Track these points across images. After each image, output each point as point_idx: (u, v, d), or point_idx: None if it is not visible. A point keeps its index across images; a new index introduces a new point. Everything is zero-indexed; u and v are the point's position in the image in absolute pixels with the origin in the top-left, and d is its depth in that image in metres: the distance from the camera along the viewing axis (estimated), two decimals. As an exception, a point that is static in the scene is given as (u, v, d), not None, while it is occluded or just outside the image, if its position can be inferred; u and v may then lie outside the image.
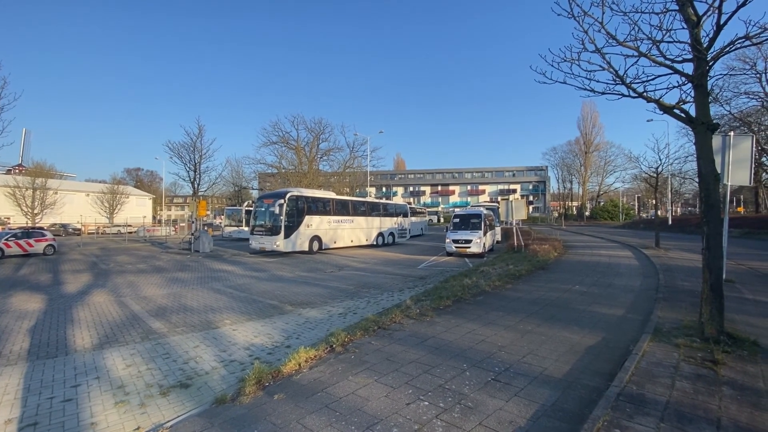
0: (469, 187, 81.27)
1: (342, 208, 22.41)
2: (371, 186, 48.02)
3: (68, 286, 11.03)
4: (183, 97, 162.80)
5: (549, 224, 57.56)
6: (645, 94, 4.78)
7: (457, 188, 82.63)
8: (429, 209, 55.60)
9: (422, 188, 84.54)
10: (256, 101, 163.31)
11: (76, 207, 50.34)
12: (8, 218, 42.19)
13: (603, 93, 5.78)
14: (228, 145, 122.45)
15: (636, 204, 75.17)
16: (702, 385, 3.54)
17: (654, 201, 24.30)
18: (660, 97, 4.79)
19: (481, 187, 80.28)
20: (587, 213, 69.53)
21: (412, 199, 77.87)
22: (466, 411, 3.25)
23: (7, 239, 18.60)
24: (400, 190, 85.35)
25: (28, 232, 20.11)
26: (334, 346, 5.08)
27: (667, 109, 5.03)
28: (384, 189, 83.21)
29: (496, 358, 4.44)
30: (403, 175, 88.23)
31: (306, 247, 19.34)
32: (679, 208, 69.42)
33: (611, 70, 4.74)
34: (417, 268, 14.39)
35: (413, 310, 6.62)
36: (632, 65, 4.66)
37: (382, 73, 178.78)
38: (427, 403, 3.42)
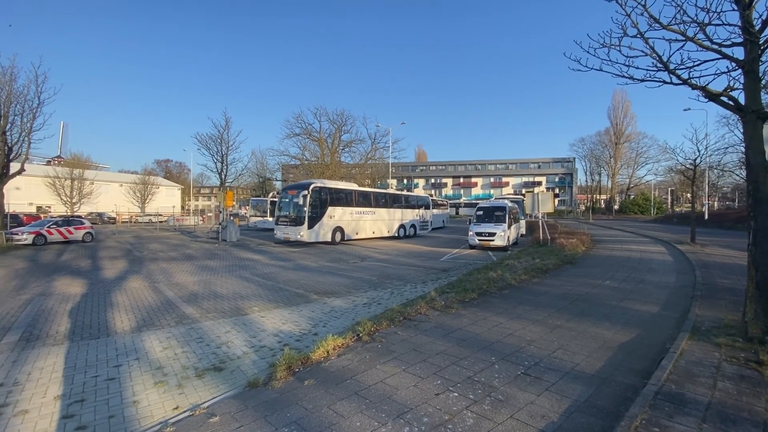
0: (492, 180, 79.79)
1: (364, 200, 22.50)
2: (392, 178, 47.90)
3: (106, 272, 11.59)
4: (210, 90, 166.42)
5: (576, 218, 55.97)
6: (690, 80, 4.52)
7: (479, 180, 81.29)
8: (450, 201, 55.06)
9: (444, 180, 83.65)
10: (280, 94, 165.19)
11: (110, 197, 52.62)
12: (49, 207, 44.59)
13: (642, 80, 5.53)
14: (253, 137, 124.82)
15: (669, 198, 71.89)
16: (746, 386, 3.39)
17: (690, 194, 23.19)
18: (706, 84, 4.53)
19: (504, 179, 78.65)
20: (616, 206, 67.07)
21: (433, 192, 77.23)
22: (497, 403, 3.24)
23: (49, 227, 19.67)
24: (421, 182, 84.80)
25: (68, 220, 21.19)
26: (360, 335, 5.14)
27: (713, 97, 4.76)
28: (405, 181, 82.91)
29: (525, 352, 4.39)
30: (424, 167, 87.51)
31: (329, 238, 19.56)
32: (716, 203, 65.96)
33: (654, 55, 4.51)
34: (439, 261, 14.33)
35: (438, 302, 6.61)
36: (677, 50, 4.41)
37: (404, 64, 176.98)
38: (456, 394, 3.42)
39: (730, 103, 4.60)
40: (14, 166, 18.97)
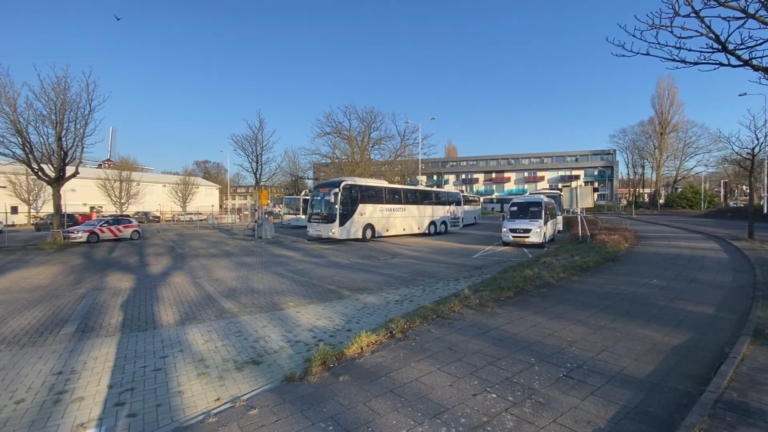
0: (526, 174, 77.38)
1: (394, 197, 22.45)
2: (422, 174, 47.52)
3: (152, 268, 12.26)
4: (245, 92, 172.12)
5: (617, 213, 53.18)
6: (751, 61, 4.12)
7: (512, 175, 79.07)
8: (483, 197, 53.94)
9: (475, 176, 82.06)
10: (311, 94, 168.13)
11: (154, 197, 55.72)
12: (101, 207, 47.81)
13: (696, 63, 5.13)
14: (285, 137, 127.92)
15: (721, 190, 66.74)
16: (822, 397, 3.06)
17: (748, 187, 21.41)
18: (773, 63, 4.11)
19: (539, 174, 76.05)
20: (661, 201, 63.15)
21: (464, 187, 75.95)
22: (538, 407, 3.11)
23: (101, 225, 21.10)
24: (451, 177, 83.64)
25: (117, 219, 22.64)
26: (394, 332, 5.12)
27: (779, 78, 4.33)
28: (435, 177, 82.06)
29: (567, 354, 4.19)
30: (454, 163, 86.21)
31: (360, 235, 19.69)
32: (776, 196, 60.47)
33: (711, 35, 4.15)
34: (472, 258, 14.05)
35: (472, 300, 6.47)
36: (737, 29, 4.02)
37: (434, 60, 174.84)
38: (494, 395, 3.32)
39: (801, 84, 4.16)
40: (69, 170, 20.40)
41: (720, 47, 4.22)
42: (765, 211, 32.14)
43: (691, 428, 2.61)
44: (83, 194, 47.96)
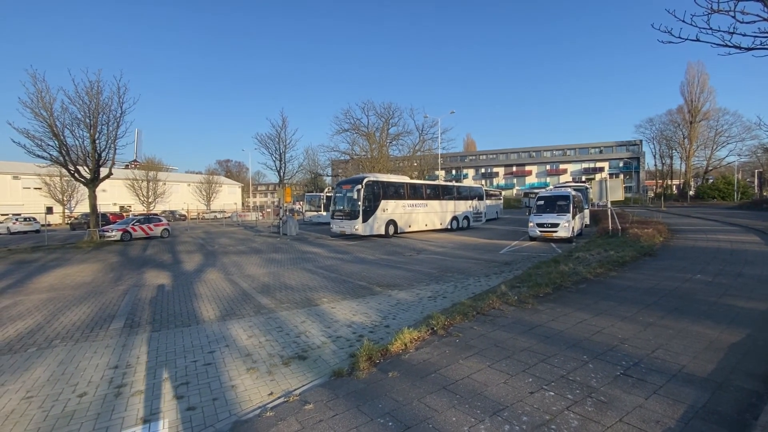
0: (548, 167, 75.61)
1: (416, 193, 22.37)
2: (441, 169, 47.13)
3: (186, 265, 12.62)
4: (265, 93, 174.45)
5: (644, 205, 51.45)
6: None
7: (534, 168, 77.44)
8: (503, 191, 53.05)
9: (495, 170, 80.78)
10: (329, 92, 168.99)
11: (180, 196, 57.29)
12: (130, 206, 49.51)
13: (750, 49, 4.87)
14: (305, 135, 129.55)
15: (755, 180, 63.53)
16: None
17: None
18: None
19: (562, 167, 74.20)
20: (691, 192, 60.66)
21: (484, 181, 74.97)
22: (600, 405, 3.04)
23: (133, 224, 21.86)
24: (471, 172, 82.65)
25: (148, 218, 23.42)
26: (435, 328, 5.10)
27: None
28: (454, 171, 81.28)
29: (620, 351, 4.08)
30: (474, 157, 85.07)
31: (383, 231, 19.73)
32: (817, 185, 57.15)
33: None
34: (499, 253, 13.88)
35: (511, 297, 6.37)
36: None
37: (452, 55, 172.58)
38: (552, 393, 3.26)
39: None
40: (103, 171, 21.17)
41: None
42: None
43: (766, 428, 2.50)
44: (113, 194, 49.77)
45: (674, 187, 68.12)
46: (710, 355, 3.94)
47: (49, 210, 42.30)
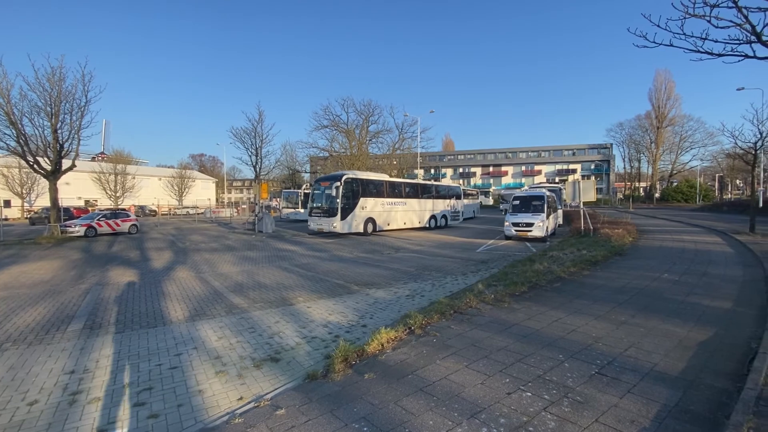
0: (523, 168, 77.28)
1: (395, 191, 22.34)
2: (420, 168, 47.34)
3: (154, 263, 12.08)
4: (239, 85, 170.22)
5: (614, 206, 53.36)
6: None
7: (510, 169, 78.96)
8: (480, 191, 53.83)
9: (472, 169, 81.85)
10: (308, 87, 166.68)
11: (150, 190, 55.14)
12: (96, 201, 47.25)
13: (720, 55, 5.01)
14: (282, 130, 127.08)
15: (716, 184, 67.23)
16: None
17: (750, 180, 21.53)
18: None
19: (536, 168, 76.00)
20: (657, 194, 63.44)
21: (461, 181, 75.81)
22: (577, 405, 3.03)
23: (98, 219, 20.79)
24: (449, 171, 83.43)
25: (115, 213, 22.34)
26: (413, 328, 5.02)
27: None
28: (432, 171, 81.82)
29: (595, 350, 4.12)
30: (452, 156, 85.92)
31: (361, 229, 19.58)
32: (769, 189, 60.92)
33: (747, 25, 4.03)
34: (476, 252, 14.01)
35: (487, 295, 6.38)
36: (775, 17, 3.90)
37: (432, 54, 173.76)
38: (529, 394, 3.23)
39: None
40: (65, 163, 20.03)
41: (756, 38, 4.11)
42: (760, 204, 32.35)
43: (740, 427, 2.54)
44: (77, 188, 47.31)
45: (641, 189, 71.06)
46: (680, 353, 4.03)
47: (7, 203, 39.86)
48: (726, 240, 14.10)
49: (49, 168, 19.10)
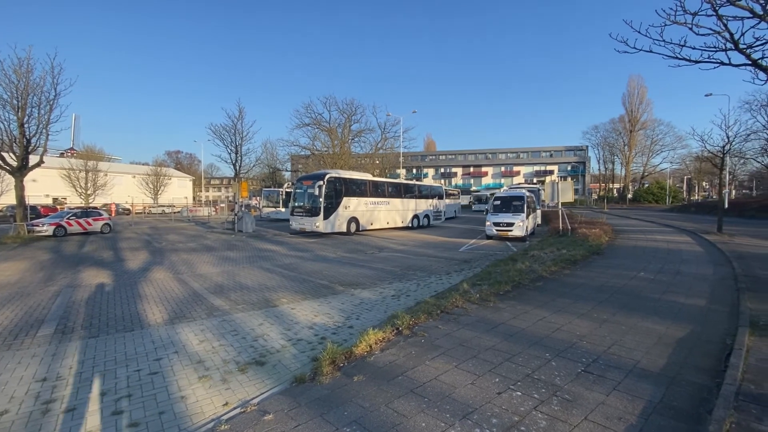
0: (503, 169, 78.70)
1: (378, 190, 22.32)
2: (402, 167, 47.46)
3: (129, 263, 11.63)
4: (217, 81, 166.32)
5: (589, 207, 55.02)
6: (760, 61, 4.20)
7: (490, 170, 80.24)
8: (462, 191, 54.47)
9: (453, 170, 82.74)
10: (289, 85, 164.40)
11: (124, 188, 53.14)
12: (65, 199, 45.20)
13: (697, 62, 5.21)
14: (263, 127, 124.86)
15: (684, 186, 70.39)
16: (830, 387, 3.17)
17: (718, 182, 22.55)
18: (777, 64, 4.20)
19: (515, 169, 77.52)
20: (630, 195, 65.84)
21: (443, 181, 76.48)
22: (566, 404, 3.07)
23: (68, 218, 19.86)
24: (430, 171, 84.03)
25: (86, 212, 21.38)
26: (400, 328, 5.00)
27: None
28: (414, 170, 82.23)
29: (580, 348, 4.20)
30: (433, 156, 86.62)
31: (344, 229, 19.46)
32: (733, 191, 64.25)
33: (726, 33, 4.19)
34: (458, 251, 14.15)
35: (473, 295, 6.43)
36: (750, 29, 4.07)
37: (414, 54, 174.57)
38: (519, 393, 3.26)
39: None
40: (33, 159, 19.08)
41: (733, 45, 4.28)
42: (725, 205, 33.97)
43: (722, 422, 2.63)
44: (45, 185, 45.15)
45: (615, 190, 73.53)
46: (660, 350, 4.16)
47: (-33, 201, 37.63)
48: (696, 239, 14.73)
49: (15, 164, 18.13)
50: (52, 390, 3.81)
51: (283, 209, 30.65)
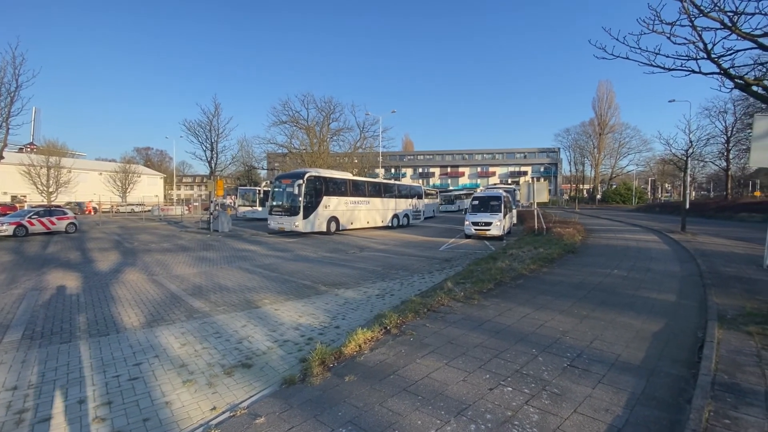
0: (479, 169, 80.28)
1: (359, 190, 22.26)
2: (381, 167, 47.48)
3: (99, 264, 11.11)
4: (191, 75, 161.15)
5: (561, 207, 56.85)
6: (729, 70, 4.46)
7: (467, 170, 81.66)
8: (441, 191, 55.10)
9: (431, 170, 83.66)
10: (265, 81, 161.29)
11: (89, 186, 50.75)
12: (24, 196, 42.65)
13: (670, 69, 5.48)
14: (239, 124, 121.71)
15: (648, 187, 73.97)
16: (793, 374, 3.41)
17: (682, 184, 23.78)
18: (745, 74, 4.48)
19: (491, 169, 79.26)
20: (599, 196, 68.53)
21: (421, 181, 77.18)
22: (555, 398, 3.16)
23: (30, 217, 18.76)
24: (409, 171, 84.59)
25: (49, 210, 20.24)
26: (389, 327, 5.01)
27: (746, 87, 4.73)
28: (393, 170, 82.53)
29: (564, 344, 4.34)
30: (412, 157, 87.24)
31: (324, 228, 19.30)
32: (693, 192, 68.04)
33: (700, 43, 4.43)
34: (439, 250, 14.30)
35: (457, 293, 6.52)
36: (722, 39, 4.33)
37: (393, 54, 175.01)
38: (510, 388, 3.33)
39: (765, 93, 4.58)
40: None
41: (705, 55, 4.52)
42: (687, 206, 35.90)
43: (701, 410, 2.78)
44: (4, 182, 42.54)
45: (585, 191, 76.35)
46: (639, 343, 4.35)
47: None
48: (662, 238, 15.49)
49: (-31, 159, 16.97)
50: (24, 399, 3.60)
51: (260, 208, 30.07)
